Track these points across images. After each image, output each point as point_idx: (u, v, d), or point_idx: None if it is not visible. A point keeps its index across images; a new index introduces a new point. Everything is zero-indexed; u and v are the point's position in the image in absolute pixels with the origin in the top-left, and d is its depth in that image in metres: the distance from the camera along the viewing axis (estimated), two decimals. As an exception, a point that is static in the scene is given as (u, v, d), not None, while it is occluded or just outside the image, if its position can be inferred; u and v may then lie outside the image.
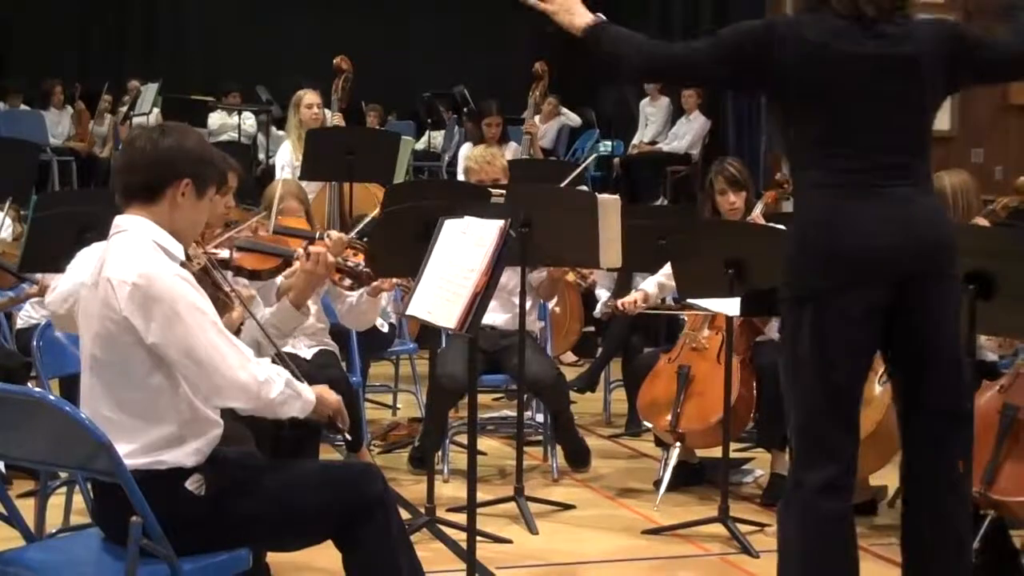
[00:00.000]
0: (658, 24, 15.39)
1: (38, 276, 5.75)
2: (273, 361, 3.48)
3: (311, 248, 4.54)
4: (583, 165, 7.55)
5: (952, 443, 3.51)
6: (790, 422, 3.51)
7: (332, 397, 3.50)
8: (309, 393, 3.39)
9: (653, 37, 3.67)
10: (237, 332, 3.86)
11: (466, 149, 9.27)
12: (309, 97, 8.30)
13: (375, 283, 5.23)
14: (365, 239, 5.14)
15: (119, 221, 3.33)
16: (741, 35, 3.48)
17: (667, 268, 5.77)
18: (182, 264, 3.32)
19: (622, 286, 7.42)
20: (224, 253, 4.42)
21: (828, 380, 3.40)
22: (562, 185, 6.85)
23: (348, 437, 3.62)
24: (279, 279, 4.89)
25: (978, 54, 3.52)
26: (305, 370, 3.99)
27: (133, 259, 3.20)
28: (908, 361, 3.47)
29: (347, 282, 4.92)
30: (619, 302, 6.03)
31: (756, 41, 3.44)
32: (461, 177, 8.86)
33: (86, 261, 4.18)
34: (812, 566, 3.44)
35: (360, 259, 5.00)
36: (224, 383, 3.21)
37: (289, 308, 4.43)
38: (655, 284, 6.00)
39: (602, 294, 7.60)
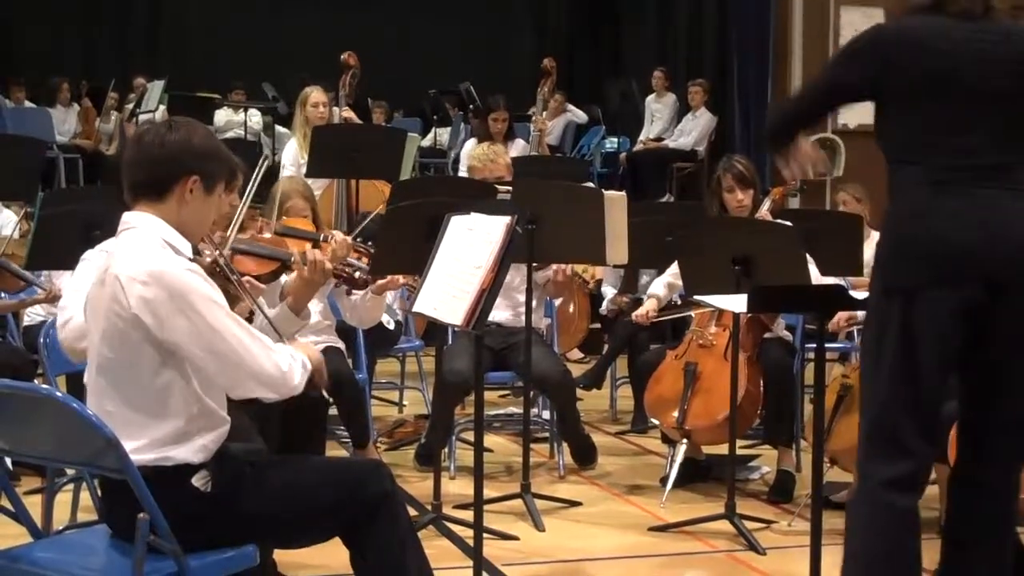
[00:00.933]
0: (657, 25, 15.40)
1: (43, 277, 5.76)
2: None
3: (308, 254, 4.54)
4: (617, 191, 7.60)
5: (1017, 453, 3.52)
6: (864, 413, 3.51)
7: (315, 355, 3.45)
8: (307, 362, 3.38)
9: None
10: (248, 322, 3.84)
11: (469, 146, 9.25)
12: (315, 95, 8.29)
13: (382, 282, 5.23)
14: (369, 241, 5.13)
15: (127, 218, 3.31)
16: (866, 41, 3.52)
17: (675, 267, 5.76)
18: (191, 260, 3.31)
19: (628, 283, 7.43)
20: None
21: (910, 377, 3.39)
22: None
23: (325, 395, 3.53)
24: (282, 279, 4.89)
25: None
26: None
27: (142, 256, 3.19)
28: (989, 366, 3.46)
29: (344, 287, 4.93)
30: (633, 316, 6.03)
31: (880, 42, 3.49)
32: (464, 174, 8.86)
33: (89, 276, 4.13)
34: (875, 559, 3.44)
35: (364, 261, 5.00)
36: (249, 375, 3.20)
37: (288, 313, 4.42)
38: (664, 285, 6.00)
39: (608, 291, 7.60)
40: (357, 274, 4.80)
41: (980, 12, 3.43)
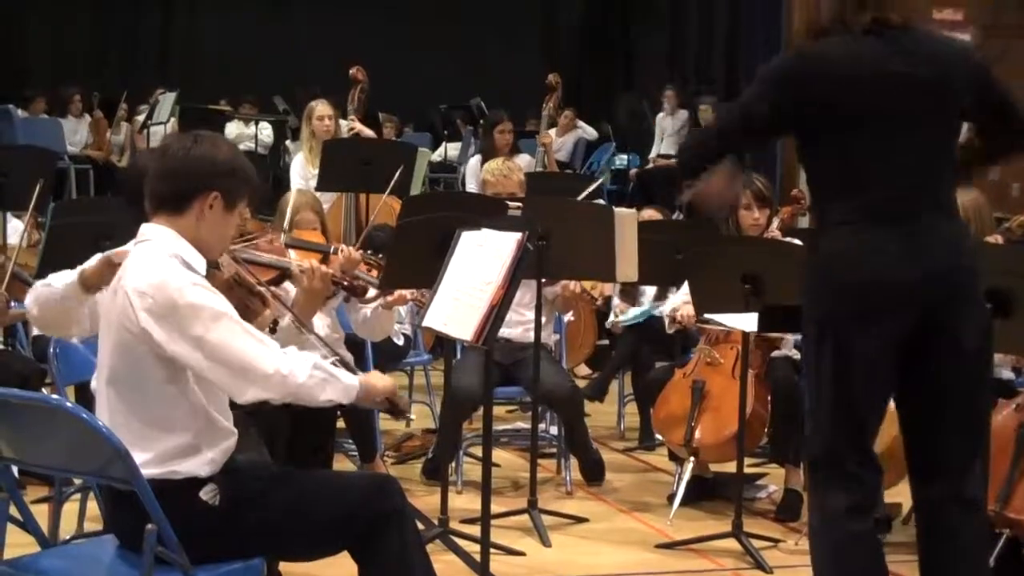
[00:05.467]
0: (667, 43, 15.43)
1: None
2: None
3: (305, 263, 4.54)
4: (599, 181, 7.60)
5: (969, 471, 3.49)
6: (811, 445, 3.50)
7: (380, 384, 3.41)
8: (350, 378, 3.32)
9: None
10: (272, 331, 3.81)
11: (475, 161, 9.25)
12: (321, 109, 8.32)
13: (390, 299, 5.23)
14: (380, 254, 5.14)
15: (144, 230, 3.33)
16: (777, 70, 3.47)
17: (687, 288, 5.74)
18: (204, 274, 3.31)
19: (630, 299, 7.40)
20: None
21: (848, 407, 3.39)
22: (578, 199, 6.85)
23: (410, 416, 3.60)
24: (292, 292, 4.89)
25: (1000, 105, 3.51)
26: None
27: (150, 269, 3.20)
28: (928, 389, 3.44)
29: (341, 295, 4.92)
30: (677, 315, 5.90)
31: (791, 73, 3.42)
32: (471, 188, 8.86)
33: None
34: None
35: (374, 274, 5.00)
36: (253, 379, 3.19)
37: (290, 328, 4.41)
38: (682, 303, 5.93)
39: (616, 303, 7.56)
40: (357, 282, 4.81)
41: (895, 25, 3.35)
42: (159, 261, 3.23)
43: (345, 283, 4.75)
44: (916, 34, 3.40)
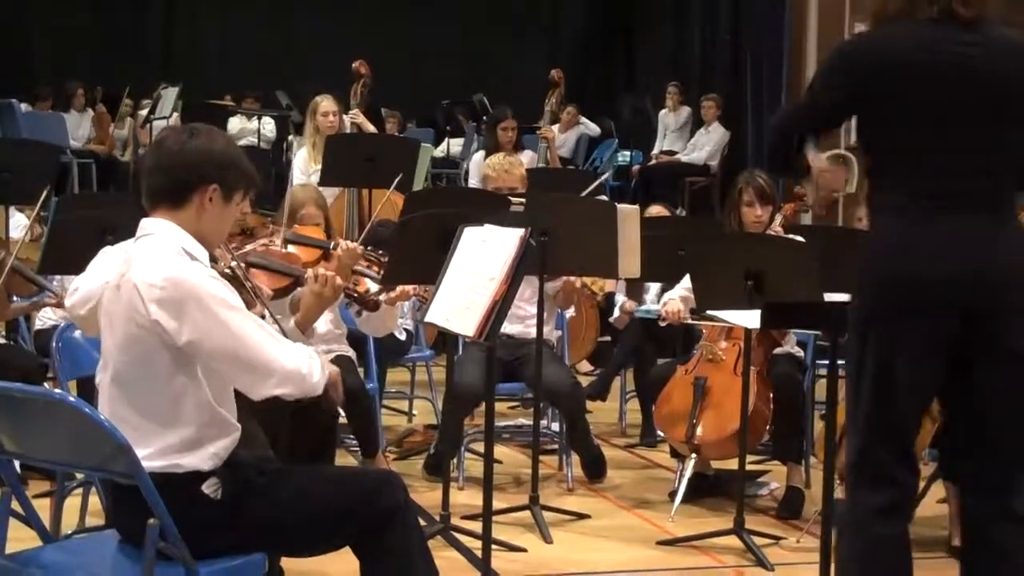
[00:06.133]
0: (671, 40, 15.42)
1: (56, 281, 5.76)
2: None
3: (319, 271, 4.55)
4: (601, 178, 7.62)
5: (1017, 484, 3.45)
6: (849, 441, 3.47)
7: (331, 368, 3.43)
8: (329, 367, 3.39)
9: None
10: None
11: (478, 157, 9.27)
12: (325, 104, 8.33)
13: (392, 294, 5.23)
14: (380, 251, 5.14)
15: (145, 224, 3.31)
16: (840, 56, 3.45)
17: (687, 281, 5.76)
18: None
19: (635, 296, 7.41)
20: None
21: (887, 407, 3.36)
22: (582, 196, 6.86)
23: (339, 411, 3.47)
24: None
25: None
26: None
27: (160, 262, 3.19)
28: (974, 394, 3.40)
29: (354, 307, 4.94)
30: (664, 311, 5.92)
31: (851, 56, 3.41)
32: (474, 183, 8.87)
33: (107, 261, 4.14)
34: None
35: (375, 269, 5.00)
36: (270, 375, 3.19)
37: (294, 330, 4.42)
38: (679, 298, 5.95)
39: (620, 299, 7.58)
40: (369, 292, 4.81)
41: (968, 19, 3.29)
42: (168, 255, 3.22)
43: (355, 295, 4.76)
44: (986, 28, 3.33)
